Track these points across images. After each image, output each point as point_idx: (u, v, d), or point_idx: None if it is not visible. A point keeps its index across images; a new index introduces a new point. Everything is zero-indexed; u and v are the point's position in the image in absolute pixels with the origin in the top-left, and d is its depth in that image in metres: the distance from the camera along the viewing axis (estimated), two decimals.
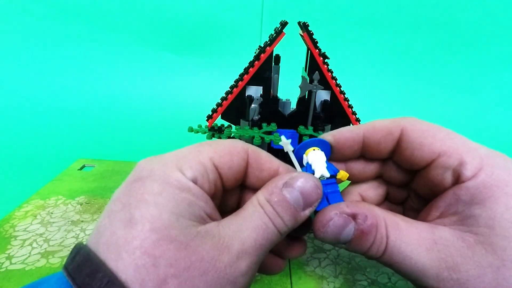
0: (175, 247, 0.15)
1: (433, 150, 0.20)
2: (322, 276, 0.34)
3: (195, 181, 0.18)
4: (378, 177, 0.26)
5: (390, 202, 0.27)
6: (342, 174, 0.22)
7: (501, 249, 0.17)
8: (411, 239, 0.19)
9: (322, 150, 0.23)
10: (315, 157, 0.22)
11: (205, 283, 0.16)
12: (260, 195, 0.19)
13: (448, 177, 0.20)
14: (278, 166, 0.22)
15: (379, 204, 0.26)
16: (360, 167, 0.25)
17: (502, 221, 0.17)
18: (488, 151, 0.20)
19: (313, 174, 0.21)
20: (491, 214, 0.18)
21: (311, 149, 0.23)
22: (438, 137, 0.20)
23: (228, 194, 0.23)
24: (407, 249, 0.19)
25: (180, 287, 0.15)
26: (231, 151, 0.20)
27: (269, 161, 0.22)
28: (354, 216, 0.20)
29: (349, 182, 0.26)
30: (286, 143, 0.23)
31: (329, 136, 0.23)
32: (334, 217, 0.20)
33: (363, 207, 0.20)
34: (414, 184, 0.24)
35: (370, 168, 0.25)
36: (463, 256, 0.18)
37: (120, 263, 0.15)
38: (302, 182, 0.19)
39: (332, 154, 0.24)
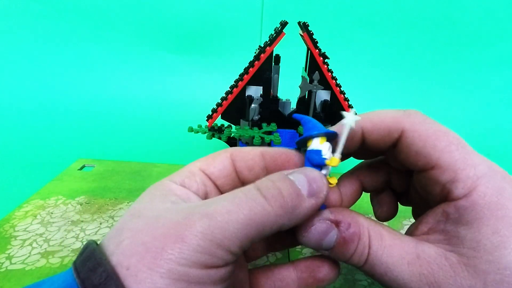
0: (140, 219, 0.17)
1: (428, 161, 0.19)
2: None
3: (182, 184, 0.21)
4: (385, 164, 0.25)
5: (393, 190, 0.26)
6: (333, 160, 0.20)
7: (484, 272, 0.17)
8: (393, 250, 0.19)
9: (328, 140, 0.22)
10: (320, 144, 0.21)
11: (152, 238, 0.16)
12: (259, 179, 0.19)
13: (437, 191, 0.19)
14: (261, 150, 0.23)
15: (381, 191, 0.26)
16: (363, 156, 0.25)
17: (488, 244, 0.17)
18: (488, 169, 0.18)
19: (320, 154, 0.20)
20: (477, 237, 0.17)
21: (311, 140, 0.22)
22: (438, 147, 0.19)
23: None
24: (388, 260, 0.19)
25: (131, 244, 0.16)
26: (214, 155, 0.23)
27: (251, 149, 0.23)
28: (337, 223, 0.20)
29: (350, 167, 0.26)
30: (351, 120, 0.19)
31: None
32: (316, 222, 0.20)
33: (347, 215, 0.20)
34: (414, 181, 0.23)
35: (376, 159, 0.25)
36: (445, 275, 0.18)
37: (103, 244, 0.17)
38: (307, 171, 0.19)
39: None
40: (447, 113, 0.94)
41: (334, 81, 0.40)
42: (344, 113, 0.19)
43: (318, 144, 0.20)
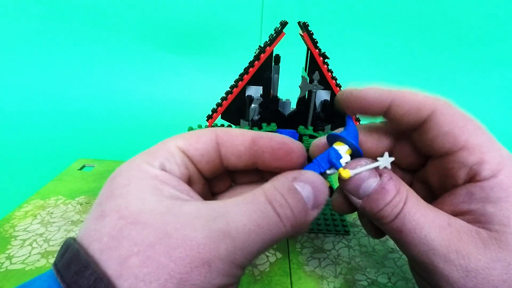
0: (140, 227, 0.15)
1: (457, 142, 0.19)
2: (322, 276, 0.34)
3: (163, 168, 0.18)
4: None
5: None
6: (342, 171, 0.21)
7: None
8: (427, 213, 0.19)
9: (351, 155, 0.22)
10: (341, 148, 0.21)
11: (172, 260, 0.14)
12: (267, 184, 0.18)
13: (463, 173, 0.19)
14: (252, 135, 0.21)
15: None
16: (372, 143, 0.24)
17: None
18: (509, 154, 0.19)
19: (340, 157, 0.21)
20: (506, 213, 0.18)
21: (343, 144, 0.22)
22: (466, 129, 0.19)
23: (218, 183, 0.23)
24: (420, 219, 0.19)
25: (143, 264, 0.14)
26: (197, 134, 0.20)
27: (241, 133, 0.21)
28: (380, 173, 0.20)
29: None
30: (387, 160, 0.20)
31: (348, 90, 0.22)
32: (363, 163, 0.20)
33: (390, 171, 0.21)
34: (424, 171, 0.23)
35: (382, 145, 0.24)
36: (474, 246, 0.18)
37: (90, 251, 0.15)
38: (313, 179, 0.18)
39: (351, 112, 0.22)
40: None
41: (334, 81, 0.40)
42: (385, 154, 0.20)
43: (344, 151, 0.21)
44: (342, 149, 0.21)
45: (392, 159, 0.20)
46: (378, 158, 0.20)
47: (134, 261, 0.14)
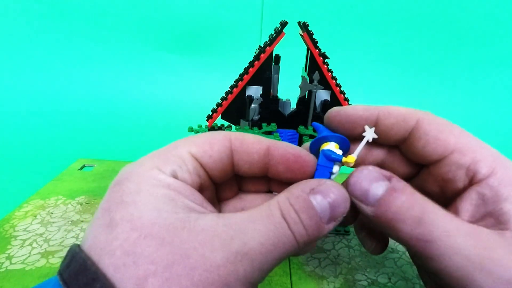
0: (157, 243, 0.14)
1: (448, 146, 0.19)
2: (322, 276, 0.34)
3: (174, 175, 0.17)
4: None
5: None
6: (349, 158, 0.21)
7: None
8: (451, 219, 0.17)
9: (340, 148, 0.21)
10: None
11: (192, 282, 0.14)
12: (282, 196, 0.17)
13: (461, 175, 0.19)
14: (268, 144, 0.20)
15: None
16: (363, 153, 0.23)
17: None
18: (499, 153, 0.20)
19: (335, 157, 0.20)
20: None
21: (328, 143, 0.22)
22: (453, 133, 0.20)
23: (225, 188, 0.22)
24: (447, 226, 0.17)
25: (163, 286, 0.14)
26: (210, 140, 0.19)
27: (257, 141, 0.20)
28: (389, 178, 0.18)
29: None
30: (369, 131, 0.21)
31: (335, 109, 0.22)
32: (370, 168, 0.18)
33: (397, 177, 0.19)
34: (419, 180, 0.23)
35: (373, 155, 0.24)
36: (503, 250, 0.16)
37: (100, 265, 0.14)
38: (331, 190, 0.17)
39: (341, 130, 0.22)
40: (448, 113, 0.94)
41: (334, 81, 0.40)
42: (366, 127, 0.21)
43: (333, 147, 0.21)
44: (331, 147, 0.21)
45: (373, 128, 0.21)
46: (363, 134, 0.21)
47: (153, 283, 0.14)
